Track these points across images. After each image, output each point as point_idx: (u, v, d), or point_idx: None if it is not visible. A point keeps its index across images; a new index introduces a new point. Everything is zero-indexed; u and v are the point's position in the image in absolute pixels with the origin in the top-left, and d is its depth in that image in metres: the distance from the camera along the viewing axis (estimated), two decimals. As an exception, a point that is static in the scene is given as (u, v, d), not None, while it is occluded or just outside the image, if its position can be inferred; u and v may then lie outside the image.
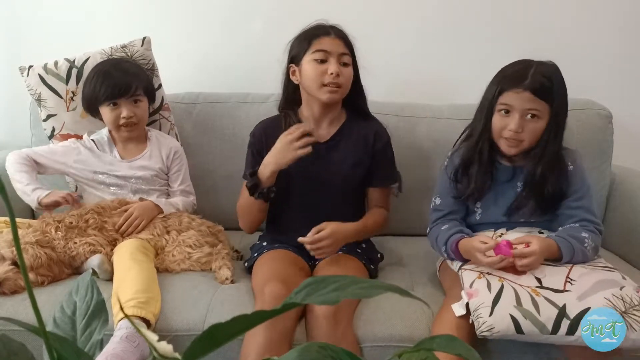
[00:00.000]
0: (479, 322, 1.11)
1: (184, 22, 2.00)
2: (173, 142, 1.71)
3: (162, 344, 0.40)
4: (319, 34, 1.39)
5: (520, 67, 1.28)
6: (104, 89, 1.55)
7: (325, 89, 1.38)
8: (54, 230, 1.40)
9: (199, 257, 1.43)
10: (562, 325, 1.09)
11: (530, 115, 1.25)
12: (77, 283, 0.64)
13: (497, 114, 1.29)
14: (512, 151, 1.30)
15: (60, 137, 1.72)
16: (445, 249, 1.32)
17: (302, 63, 1.40)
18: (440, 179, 1.43)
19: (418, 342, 0.52)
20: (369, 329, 1.23)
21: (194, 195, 1.71)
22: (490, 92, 1.30)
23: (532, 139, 1.28)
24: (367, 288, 0.45)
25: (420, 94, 1.92)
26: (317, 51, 1.37)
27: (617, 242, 1.69)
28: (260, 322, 0.43)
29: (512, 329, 1.09)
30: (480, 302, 1.14)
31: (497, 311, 1.11)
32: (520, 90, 1.24)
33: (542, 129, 1.27)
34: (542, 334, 1.09)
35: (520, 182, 1.35)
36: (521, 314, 1.10)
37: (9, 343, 0.51)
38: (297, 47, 1.42)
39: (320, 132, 1.46)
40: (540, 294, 1.13)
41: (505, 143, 1.29)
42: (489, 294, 1.15)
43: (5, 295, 1.28)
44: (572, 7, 1.94)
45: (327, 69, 1.36)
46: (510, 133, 1.26)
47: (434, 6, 1.96)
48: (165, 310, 1.26)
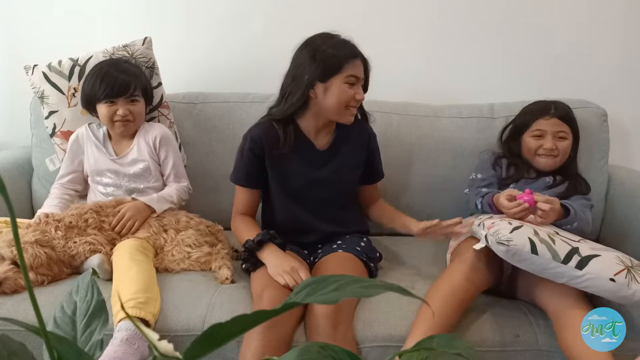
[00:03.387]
0: (497, 236, 1.21)
1: (184, 22, 2.00)
2: (159, 127, 1.68)
3: (163, 343, 0.40)
4: (354, 55, 1.39)
5: (545, 103, 1.62)
6: (103, 88, 1.57)
7: (349, 112, 1.41)
8: (53, 230, 1.40)
9: (198, 256, 1.43)
10: (573, 259, 1.17)
11: (559, 137, 1.56)
12: (77, 283, 0.64)
13: (531, 139, 1.58)
14: (549, 167, 1.57)
15: (61, 135, 1.73)
16: (481, 200, 1.49)
17: (332, 82, 1.37)
18: (481, 161, 1.67)
19: (418, 341, 0.52)
20: (368, 329, 1.23)
21: (187, 181, 1.69)
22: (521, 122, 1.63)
23: (564, 156, 1.58)
24: (367, 287, 0.45)
25: (422, 94, 1.92)
26: (351, 76, 1.38)
27: (615, 241, 1.68)
28: (260, 322, 0.43)
29: (527, 247, 1.18)
30: (501, 228, 1.24)
31: (516, 232, 1.22)
32: (549, 117, 1.57)
33: (569, 147, 1.58)
34: (554, 260, 1.17)
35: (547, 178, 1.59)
36: (538, 240, 1.20)
37: (9, 343, 0.51)
38: (325, 65, 1.37)
39: (319, 141, 1.48)
40: (557, 236, 1.25)
41: (543, 160, 1.57)
42: (509, 225, 1.25)
43: (5, 295, 1.28)
44: (570, 9, 1.94)
45: (354, 94, 1.39)
46: (547, 150, 1.55)
47: (436, 7, 1.96)
48: (165, 310, 1.26)
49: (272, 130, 1.44)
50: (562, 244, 1.21)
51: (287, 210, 1.48)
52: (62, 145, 1.74)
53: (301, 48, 1.41)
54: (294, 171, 1.45)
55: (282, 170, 1.45)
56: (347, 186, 1.52)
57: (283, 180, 1.46)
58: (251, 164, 1.45)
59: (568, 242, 1.23)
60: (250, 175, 1.47)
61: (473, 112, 1.80)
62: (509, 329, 1.24)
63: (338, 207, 1.50)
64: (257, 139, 1.43)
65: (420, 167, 1.76)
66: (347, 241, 1.46)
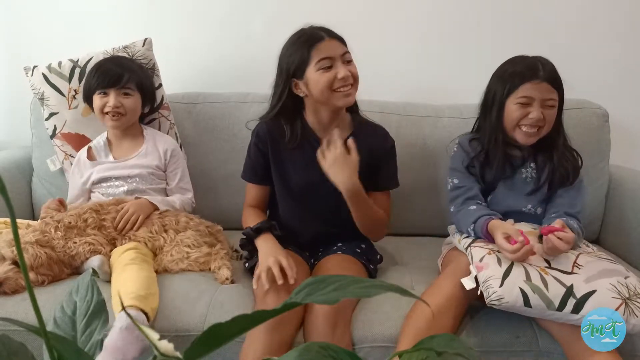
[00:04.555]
0: (488, 292, 1.15)
1: (184, 23, 2.00)
2: (169, 140, 1.71)
3: (163, 342, 0.40)
4: (314, 42, 1.33)
5: (530, 62, 1.36)
6: (96, 79, 1.59)
7: (339, 95, 1.34)
8: (53, 230, 1.40)
9: (197, 257, 1.43)
10: (569, 303, 1.12)
11: (548, 105, 1.34)
12: (77, 283, 0.64)
13: (514, 106, 1.35)
14: (531, 140, 1.37)
15: (62, 136, 1.73)
16: (473, 227, 1.34)
17: (307, 75, 1.33)
18: (452, 162, 1.48)
19: (418, 341, 0.52)
20: (368, 330, 1.23)
21: (192, 193, 1.70)
22: (501, 88, 1.37)
23: (549, 127, 1.37)
24: (367, 287, 0.45)
25: (422, 94, 1.92)
26: (321, 60, 1.31)
27: (616, 241, 1.69)
28: (260, 322, 0.43)
29: (520, 301, 1.13)
30: (491, 275, 1.17)
31: (507, 284, 1.15)
32: (538, 81, 1.33)
33: (555, 115, 1.36)
34: (549, 309, 1.13)
35: (527, 169, 1.42)
36: (530, 288, 1.14)
37: (9, 343, 0.51)
38: (294, 60, 1.34)
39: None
40: (548, 273, 1.18)
41: (524, 133, 1.36)
42: (499, 267, 1.19)
43: (5, 295, 1.28)
44: (570, 8, 1.94)
45: (335, 75, 1.32)
46: (532, 121, 1.33)
47: (436, 7, 1.96)
48: (165, 311, 1.26)
49: (278, 125, 1.42)
50: (555, 285, 1.14)
51: (287, 207, 1.47)
52: (63, 147, 1.73)
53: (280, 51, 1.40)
54: (296, 169, 1.43)
55: (283, 167, 1.44)
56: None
57: (284, 177, 1.45)
58: (257, 159, 1.45)
59: (561, 279, 1.16)
60: (256, 171, 1.47)
61: (473, 112, 1.80)
62: (509, 330, 1.24)
63: (340, 208, 1.43)
64: (262, 134, 1.43)
65: (420, 167, 1.76)
66: (348, 243, 1.46)
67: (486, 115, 1.44)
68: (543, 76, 1.33)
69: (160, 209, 1.53)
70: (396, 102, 1.85)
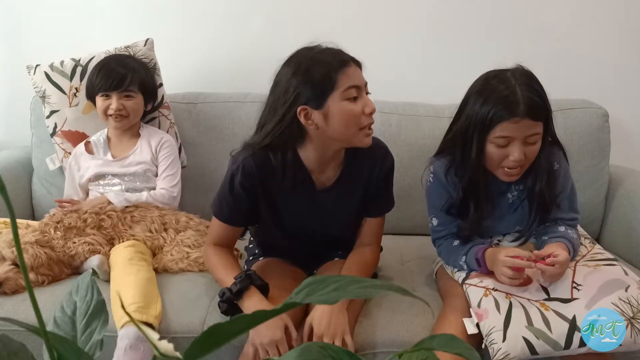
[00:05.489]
0: (493, 349, 1.10)
1: (184, 23, 2.00)
2: (163, 134, 1.70)
3: (164, 342, 0.40)
4: (341, 65, 1.11)
5: (507, 92, 1.15)
6: (99, 80, 1.59)
7: (364, 133, 1.15)
8: (52, 230, 1.40)
9: (197, 257, 1.43)
10: (574, 339, 1.09)
11: (530, 143, 1.17)
12: (77, 283, 0.64)
13: (492, 146, 1.18)
14: (513, 178, 1.23)
15: (62, 134, 1.73)
16: (465, 260, 1.25)
17: (329, 104, 1.11)
18: (429, 197, 1.34)
19: (418, 341, 0.52)
20: (370, 335, 1.22)
21: (176, 182, 1.64)
22: (479, 126, 1.18)
23: (531, 161, 1.21)
24: (368, 288, 0.45)
25: (422, 94, 1.92)
26: (349, 88, 1.11)
27: (616, 241, 1.68)
28: (260, 322, 0.43)
29: (526, 352, 1.09)
30: (492, 326, 1.12)
31: (510, 335, 1.10)
32: (518, 119, 1.13)
33: (539, 148, 1.20)
34: (555, 350, 1.09)
35: (512, 193, 1.30)
36: (533, 335, 1.09)
37: (9, 343, 0.51)
38: (314, 83, 1.11)
39: (322, 176, 1.26)
40: (549, 308, 1.12)
41: (506, 173, 1.21)
42: (499, 315, 1.13)
43: (5, 295, 1.28)
44: (570, 8, 1.94)
45: (362, 108, 1.12)
46: (513, 164, 1.17)
47: (436, 7, 1.96)
48: (165, 312, 1.26)
49: (266, 159, 1.18)
50: (558, 322, 1.10)
51: (281, 240, 1.35)
52: (63, 145, 1.74)
53: (279, 72, 1.18)
54: (289, 212, 1.27)
55: (276, 209, 1.27)
56: (352, 222, 1.34)
57: (276, 218, 1.29)
58: (240, 201, 1.22)
59: (562, 313, 1.10)
60: (235, 214, 1.25)
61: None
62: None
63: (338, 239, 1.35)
64: (249, 172, 1.19)
65: (420, 167, 1.74)
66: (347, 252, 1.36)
67: (463, 149, 1.23)
68: (523, 111, 1.13)
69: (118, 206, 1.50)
70: (396, 102, 1.84)
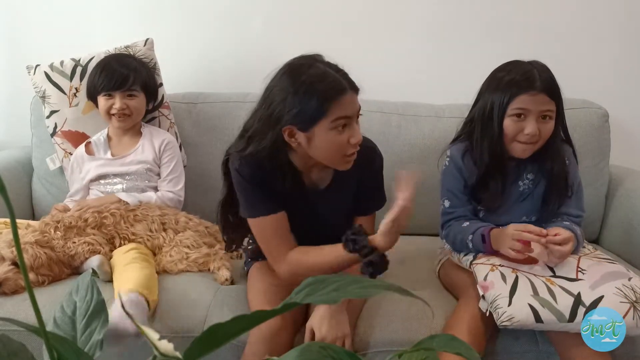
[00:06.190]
0: (497, 313, 1.13)
1: (184, 22, 2.00)
2: (166, 134, 1.71)
3: (163, 342, 0.40)
4: (335, 94, 1.07)
5: (526, 69, 1.26)
6: (101, 80, 1.59)
7: (345, 159, 1.14)
8: (53, 230, 1.40)
9: (196, 257, 1.43)
10: (579, 313, 1.11)
11: (544, 117, 1.25)
12: (77, 283, 0.64)
13: (509, 119, 1.26)
14: (527, 154, 1.29)
15: (62, 134, 1.73)
16: (471, 238, 1.28)
17: (315, 131, 1.08)
18: (444, 180, 1.39)
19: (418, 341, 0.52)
20: (370, 335, 1.22)
21: (182, 186, 1.65)
22: (499, 100, 1.27)
23: (544, 140, 1.28)
24: (367, 287, 0.45)
25: (422, 94, 1.92)
26: (340, 118, 1.08)
27: (616, 241, 1.69)
28: (260, 322, 0.43)
29: (531, 318, 1.11)
30: (498, 294, 1.15)
31: (516, 301, 1.13)
32: (535, 92, 1.22)
33: (552, 127, 1.28)
34: (560, 322, 1.11)
35: (524, 182, 1.35)
36: (539, 303, 1.12)
37: (9, 343, 0.51)
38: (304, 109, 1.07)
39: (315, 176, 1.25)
40: (555, 283, 1.16)
41: (520, 147, 1.28)
42: (505, 285, 1.16)
43: (5, 296, 1.28)
44: (570, 8, 1.94)
45: (348, 138, 1.10)
46: (528, 137, 1.25)
47: (436, 7, 1.96)
48: (165, 312, 1.26)
49: (259, 165, 1.16)
50: (563, 295, 1.13)
51: None
52: (63, 145, 1.74)
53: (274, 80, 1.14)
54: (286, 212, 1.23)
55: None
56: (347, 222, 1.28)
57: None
58: (261, 187, 1.18)
59: (568, 288, 1.14)
60: (268, 199, 1.19)
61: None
62: (508, 331, 1.24)
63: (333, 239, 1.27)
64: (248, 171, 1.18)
65: (420, 167, 1.75)
66: None
67: (484, 129, 1.30)
68: (540, 87, 1.23)
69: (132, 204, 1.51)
70: (396, 102, 1.84)
